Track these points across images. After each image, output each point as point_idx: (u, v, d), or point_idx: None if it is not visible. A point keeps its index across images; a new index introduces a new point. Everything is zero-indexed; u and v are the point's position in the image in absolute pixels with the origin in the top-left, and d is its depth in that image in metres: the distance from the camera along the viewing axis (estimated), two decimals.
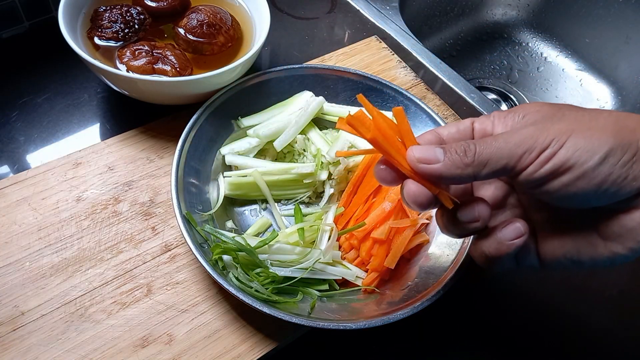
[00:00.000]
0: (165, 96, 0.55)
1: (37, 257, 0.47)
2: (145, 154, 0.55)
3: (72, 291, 0.45)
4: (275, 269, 0.45)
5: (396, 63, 0.70)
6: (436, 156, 0.31)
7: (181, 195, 0.47)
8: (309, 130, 0.57)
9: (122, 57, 0.54)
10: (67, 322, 0.43)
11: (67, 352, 0.42)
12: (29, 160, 0.55)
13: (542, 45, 1.01)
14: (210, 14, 0.59)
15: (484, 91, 0.97)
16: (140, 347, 0.43)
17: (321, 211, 0.52)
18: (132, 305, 0.45)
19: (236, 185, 0.52)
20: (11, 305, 0.44)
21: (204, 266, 0.42)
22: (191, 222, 0.46)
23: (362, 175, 0.53)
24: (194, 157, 0.51)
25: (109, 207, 0.51)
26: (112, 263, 0.47)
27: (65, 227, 0.49)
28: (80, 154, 0.54)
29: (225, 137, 0.56)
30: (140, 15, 0.58)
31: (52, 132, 0.58)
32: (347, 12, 0.80)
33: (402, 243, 0.48)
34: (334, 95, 0.60)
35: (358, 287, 0.48)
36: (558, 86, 0.97)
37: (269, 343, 0.44)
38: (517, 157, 0.29)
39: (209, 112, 0.54)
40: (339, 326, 0.41)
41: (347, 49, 0.70)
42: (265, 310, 0.41)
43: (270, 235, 0.46)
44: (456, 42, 1.01)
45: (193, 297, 0.46)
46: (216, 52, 0.59)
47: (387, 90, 0.59)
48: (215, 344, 0.44)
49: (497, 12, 1.04)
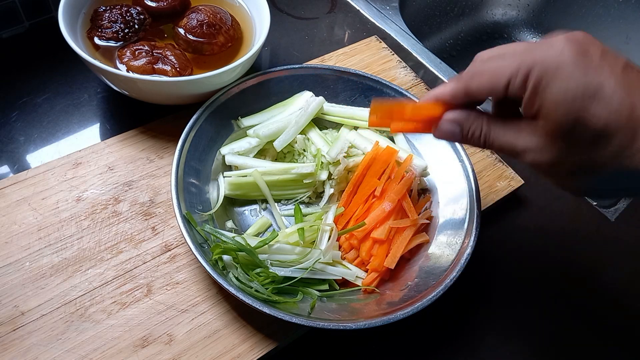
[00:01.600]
0: (165, 96, 0.55)
1: (37, 257, 0.47)
2: (145, 154, 0.55)
3: (72, 291, 0.45)
4: (275, 269, 0.45)
5: (396, 63, 0.70)
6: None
7: (181, 195, 0.47)
8: (309, 130, 0.57)
9: (122, 57, 0.54)
10: (67, 322, 0.43)
11: (67, 352, 0.42)
12: (29, 160, 0.55)
13: None
14: (210, 14, 0.59)
15: None
16: (140, 347, 0.43)
17: (321, 211, 0.52)
18: (132, 305, 0.45)
19: (236, 185, 0.52)
20: (11, 305, 0.44)
21: (204, 266, 0.42)
22: (191, 222, 0.46)
23: (362, 175, 0.53)
24: (194, 157, 0.51)
25: (109, 207, 0.51)
26: (112, 263, 0.47)
27: (65, 227, 0.49)
28: (80, 154, 0.54)
29: (225, 137, 0.56)
30: (140, 15, 0.58)
31: (52, 132, 0.58)
32: (347, 12, 0.80)
33: (402, 243, 0.48)
34: (334, 95, 0.60)
35: (358, 287, 0.48)
36: None
37: (269, 343, 0.44)
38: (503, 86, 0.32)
39: (209, 112, 0.54)
40: (339, 326, 0.41)
41: (347, 49, 0.70)
42: (265, 310, 0.41)
43: (270, 235, 0.46)
44: (456, 42, 1.01)
45: (193, 297, 0.46)
46: (216, 52, 0.59)
47: (387, 90, 0.59)
48: (215, 344, 0.44)
49: (497, 12, 1.04)
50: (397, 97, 0.58)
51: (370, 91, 0.59)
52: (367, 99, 0.60)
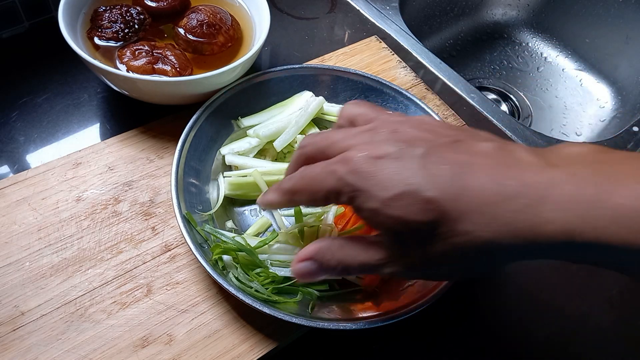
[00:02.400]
0: (165, 96, 0.55)
1: (37, 257, 0.47)
2: (145, 154, 0.55)
3: (72, 291, 0.45)
4: (275, 269, 0.45)
5: (396, 63, 0.70)
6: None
7: (181, 195, 0.47)
8: (309, 130, 0.57)
9: (122, 57, 0.54)
10: (67, 322, 0.43)
11: (67, 352, 0.42)
12: (29, 160, 0.55)
13: (542, 45, 1.01)
14: (210, 13, 0.59)
15: (484, 91, 0.97)
16: (140, 347, 0.43)
17: (321, 211, 0.52)
18: (132, 305, 0.45)
19: (236, 185, 0.52)
20: (11, 305, 0.44)
21: (204, 266, 0.42)
22: (191, 222, 0.46)
23: None
24: (194, 157, 0.51)
25: (109, 207, 0.51)
26: (112, 263, 0.47)
27: (65, 227, 0.49)
28: (80, 154, 0.54)
29: (225, 137, 0.56)
30: (140, 15, 0.58)
31: (52, 132, 0.58)
32: (347, 12, 0.80)
33: None
34: (334, 95, 0.60)
35: (358, 287, 0.48)
36: (558, 86, 0.97)
37: (269, 343, 0.44)
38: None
39: (209, 112, 0.54)
40: (339, 326, 0.41)
41: (347, 49, 0.70)
42: (265, 310, 0.41)
43: (270, 235, 0.46)
44: (456, 42, 1.01)
45: (193, 297, 0.46)
46: (216, 52, 0.59)
47: (387, 90, 0.59)
48: (215, 344, 0.44)
49: (497, 12, 1.04)
50: (396, 97, 0.58)
51: (370, 91, 0.59)
52: (367, 98, 0.60)
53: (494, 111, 0.68)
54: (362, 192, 0.31)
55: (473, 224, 0.28)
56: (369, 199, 0.30)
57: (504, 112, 0.69)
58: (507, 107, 0.94)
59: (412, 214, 0.29)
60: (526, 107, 0.94)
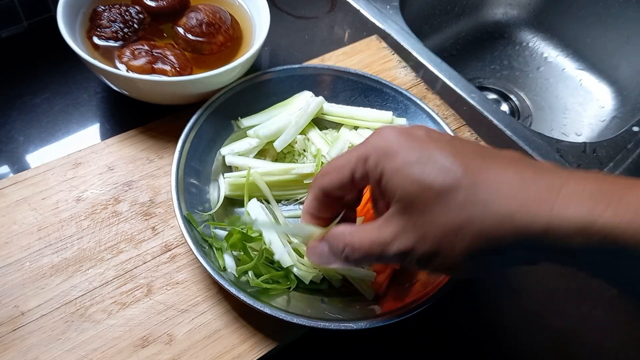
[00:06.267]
0: (165, 96, 0.55)
1: (37, 257, 0.47)
2: (145, 154, 0.55)
3: (72, 291, 0.45)
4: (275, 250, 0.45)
5: (396, 63, 0.70)
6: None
7: (181, 195, 0.47)
8: (309, 130, 0.57)
9: (122, 57, 0.54)
10: (67, 322, 0.43)
11: (67, 352, 0.42)
12: (29, 160, 0.55)
13: (543, 45, 1.01)
14: (209, 13, 0.59)
15: (484, 91, 0.97)
16: (140, 347, 0.43)
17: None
18: (132, 305, 0.45)
19: (236, 186, 0.52)
20: (11, 305, 0.44)
21: (204, 266, 0.42)
22: (192, 223, 0.46)
23: None
24: (194, 158, 0.51)
25: (109, 207, 0.51)
26: (112, 263, 0.47)
27: (65, 227, 0.49)
28: (80, 154, 0.54)
29: (225, 138, 0.55)
30: (140, 15, 0.58)
31: (51, 132, 0.58)
32: (347, 11, 0.80)
33: None
34: (334, 95, 0.60)
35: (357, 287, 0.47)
36: (558, 86, 0.97)
37: (269, 343, 0.44)
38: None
39: (209, 112, 0.54)
40: (340, 326, 0.41)
41: (347, 49, 0.70)
42: (265, 310, 0.41)
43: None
44: (456, 41, 1.01)
45: (193, 297, 0.46)
46: (215, 51, 0.59)
47: (387, 90, 0.59)
48: (215, 344, 0.44)
49: (497, 12, 1.04)
50: (396, 97, 0.58)
51: (370, 91, 0.59)
52: (367, 98, 0.60)
53: (494, 111, 0.68)
54: (389, 155, 0.32)
55: (490, 196, 0.29)
56: (394, 159, 0.32)
57: (504, 112, 0.69)
58: (507, 107, 0.94)
59: (432, 174, 0.30)
60: (526, 107, 0.94)
